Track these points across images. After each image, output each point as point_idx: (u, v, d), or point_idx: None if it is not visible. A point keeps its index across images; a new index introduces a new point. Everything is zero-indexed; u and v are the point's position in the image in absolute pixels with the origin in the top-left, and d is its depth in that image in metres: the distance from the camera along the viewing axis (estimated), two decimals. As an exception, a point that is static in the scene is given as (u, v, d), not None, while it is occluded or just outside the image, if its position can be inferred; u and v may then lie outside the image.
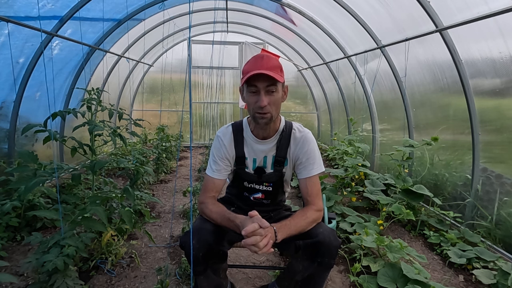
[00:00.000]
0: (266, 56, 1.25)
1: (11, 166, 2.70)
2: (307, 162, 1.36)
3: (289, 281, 1.45)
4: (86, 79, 4.12)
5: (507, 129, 2.41)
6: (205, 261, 1.25)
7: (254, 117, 1.28)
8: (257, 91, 1.23)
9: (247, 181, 1.46)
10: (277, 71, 1.23)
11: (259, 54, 1.28)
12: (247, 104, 1.29)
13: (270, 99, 1.23)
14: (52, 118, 1.83)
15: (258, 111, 1.24)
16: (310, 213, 1.28)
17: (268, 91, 1.22)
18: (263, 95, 1.22)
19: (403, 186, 2.87)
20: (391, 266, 1.93)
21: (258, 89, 1.22)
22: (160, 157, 4.23)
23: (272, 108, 1.25)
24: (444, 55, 2.67)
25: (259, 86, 1.21)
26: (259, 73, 1.17)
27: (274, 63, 1.23)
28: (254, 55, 1.29)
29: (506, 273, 1.88)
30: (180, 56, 6.54)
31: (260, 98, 1.22)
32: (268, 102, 1.22)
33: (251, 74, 1.18)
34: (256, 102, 1.23)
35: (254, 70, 1.19)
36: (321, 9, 4.13)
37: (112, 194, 1.99)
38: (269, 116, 1.25)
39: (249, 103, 1.26)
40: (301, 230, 1.24)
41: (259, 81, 1.20)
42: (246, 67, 1.26)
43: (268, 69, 1.20)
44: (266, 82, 1.21)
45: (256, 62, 1.23)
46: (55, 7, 2.84)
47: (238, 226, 1.16)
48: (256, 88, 1.22)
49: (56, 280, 1.56)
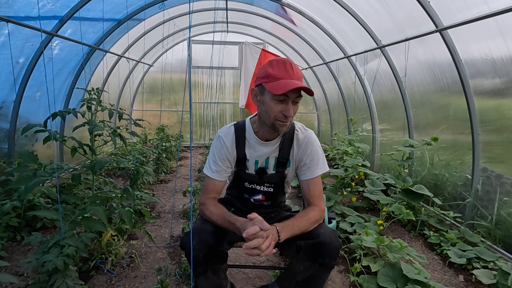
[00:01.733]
0: (293, 64, 1.22)
1: (11, 166, 2.70)
2: (311, 164, 1.35)
3: (289, 281, 1.45)
4: (86, 79, 4.12)
5: (507, 129, 2.41)
6: (205, 262, 1.25)
7: (274, 124, 1.24)
8: (285, 100, 1.19)
9: (247, 182, 1.45)
10: (302, 80, 1.23)
11: (283, 59, 1.23)
12: (266, 109, 1.24)
13: (294, 109, 1.22)
14: (52, 118, 1.83)
15: (282, 119, 1.22)
16: (313, 213, 1.28)
17: (295, 101, 1.22)
18: (291, 105, 1.20)
19: (403, 186, 2.87)
20: (391, 266, 1.93)
21: (288, 99, 1.19)
22: (160, 157, 4.23)
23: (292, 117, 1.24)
24: (444, 55, 2.67)
25: (290, 96, 1.18)
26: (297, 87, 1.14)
27: (301, 73, 1.24)
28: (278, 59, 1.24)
29: (506, 273, 1.88)
30: (180, 56, 6.54)
31: (288, 108, 1.19)
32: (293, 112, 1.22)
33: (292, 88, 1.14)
34: (281, 111, 1.20)
35: (288, 78, 1.17)
36: (321, 9, 4.13)
37: (112, 194, 1.99)
38: (289, 125, 1.26)
39: (273, 110, 1.21)
40: (304, 230, 1.23)
41: (291, 91, 1.17)
42: (274, 72, 1.20)
43: (298, 79, 1.19)
44: (297, 93, 1.19)
45: (287, 69, 1.19)
46: (55, 7, 2.84)
47: (239, 229, 1.16)
48: (286, 97, 1.19)
49: (56, 280, 1.56)
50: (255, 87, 1.28)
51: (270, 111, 1.22)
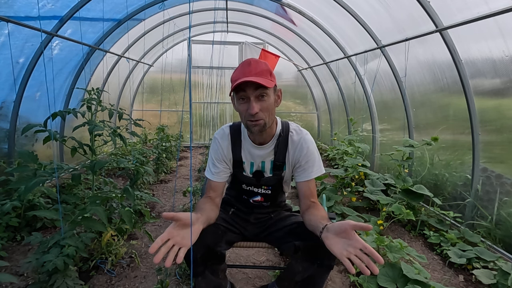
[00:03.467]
0: (254, 61, 1.21)
1: (11, 166, 2.70)
2: (307, 165, 1.33)
3: (289, 281, 1.45)
4: (86, 79, 4.12)
5: (507, 129, 2.41)
6: (203, 262, 1.24)
7: (247, 125, 1.24)
8: (247, 98, 1.18)
9: (245, 184, 1.45)
10: (267, 75, 1.19)
11: (246, 60, 1.23)
12: (238, 112, 1.25)
13: (262, 105, 1.18)
14: (52, 118, 1.83)
15: (250, 119, 1.19)
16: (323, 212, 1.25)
17: (258, 97, 1.18)
18: (253, 101, 1.17)
19: (403, 186, 2.87)
20: (391, 266, 1.92)
21: (248, 96, 1.17)
22: (160, 157, 4.23)
23: (265, 114, 1.20)
24: (444, 55, 2.67)
25: (248, 93, 1.17)
26: (246, 80, 1.13)
27: (263, 68, 1.19)
28: (241, 62, 1.24)
29: (506, 273, 1.88)
30: (180, 56, 6.54)
31: (250, 105, 1.17)
32: (259, 108, 1.17)
33: (238, 82, 1.14)
34: (247, 110, 1.18)
35: (242, 77, 1.15)
36: (321, 9, 4.13)
37: (112, 194, 1.99)
38: (262, 123, 1.21)
39: (240, 111, 1.22)
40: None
41: (248, 88, 1.16)
42: (233, 74, 1.22)
43: (257, 74, 1.16)
44: (255, 88, 1.16)
45: (243, 69, 1.19)
46: (55, 7, 2.84)
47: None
48: (245, 94, 1.17)
49: (56, 280, 1.56)
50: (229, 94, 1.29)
51: (239, 112, 1.23)
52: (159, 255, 0.89)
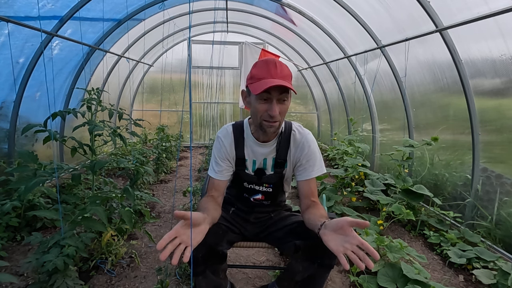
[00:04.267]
0: (279, 63, 1.20)
1: (11, 166, 2.70)
2: (308, 164, 1.34)
3: (289, 281, 1.45)
4: (86, 79, 4.12)
5: (507, 129, 2.41)
6: (204, 262, 1.24)
7: (261, 125, 1.24)
8: (269, 99, 1.18)
9: (246, 182, 1.45)
10: (290, 80, 1.19)
11: (270, 60, 1.20)
12: (253, 110, 1.24)
13: (281, 108, 1.19)
14: (52, 118, 1.83)
15: (268, 119, 1.20)
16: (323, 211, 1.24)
17: (280, 100, 1.18)
18: (275, 104, 1.17)
19: (403, 186, 2.87)
20: (391, 266, 1.93)
21: (271, 98, 1.17)
22: (160, 157, 4.23)
23: (282, 117, 1.22)
24: (444, 55, 2.67)
25: (272, 95, 1.16)
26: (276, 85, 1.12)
27: (287, 72, 1.19)
28: (263, 59, 1.23)
29: (506, 273, 1.88)
30: (180, 56, 6.54)
31: (272, 107, 1.17)
32: (279, 111, 1.19)
33: (270, 86, 1.12)
34: (266, 111, 1.19)
35: (269, 78, 1.15)
36: (321, 9, 4.13)
37: (112, 194, 1.99)
38: (277, 125, 1.23)
39: (258, 110, 1.21)
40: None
41: (273, 90, 1.15)
42: (257, 72, 1.20)
43: (282, 77, 1.16)
44: (280, 92, 1.16)
45: (269, 69, 1.17)
46: (55, 7, 2.84)
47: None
48: (269, 96, 1.17)
49: (56, 280, 1.56)
50: (244, 88, 1.29)
51: (256, 111, 1.22)
52: (166, 252, 0.90)
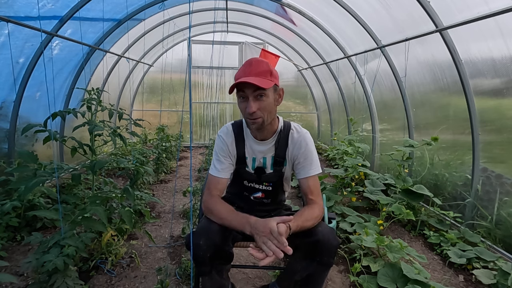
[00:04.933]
0: (255, 61, 1.27)
1: (11, 166, 2.70)
2: (305, 162, 1.37)
3: (289, 280, 1.46)
4: (86, 79, 4.12)
5: (507, 129, 2.41)
6: (211, 261, 1.24)
7: (247, 122, 1.33)
8: (246, 97, 1.25)
9: (247, 180, 1.47)
10: (266, 76, 1.24)
11: (248, 60, 1.30)
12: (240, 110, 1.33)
13: (260, 104, 1.24)
14: (52, 118, 1.83)
15: (248, 117, 1.26)
16: (316, 211, 1.28)
17: (257, 96, 1.23)
18: (251, 101, 1.23)
19: (403, 186, 2.87)
20: (391, 266, 1.93)
21: (246, 96, 1.24)
22: (160, 157, 4.23)
23: (264, 113, 1.26)
24: (444, 55, 2.67)
25: (247, 93, 1.23)
26: (244, 81, 1.19)
27: (264, 68, 1.25)
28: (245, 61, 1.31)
29: (506, 273, 1.88)
30: (180, 56, 6.54)
31: (248, 105, 1.23)
32: (257, 107, 1.23)
33: (235, 83, 1.22)
34: (245, 108, 1.25)
35: (242, 77, 1.22)
36: (321, 9, 4.13)
37: (112, 194, 1.99)
38: (260, 121, 1.27)
39: (241, 109, 1.30)
40: (309, 226, 1.23)
41: (247, 88, 1.22)
42: (236, 74, 1.28)
43: (257, 74, 1.22)
44: (254, 89, 1.22)
45: (244, 69, 1.26)
46: (55, 7, 2.84)
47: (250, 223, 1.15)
48: (244, 94, 1.24)
49: (56, 280, 1.56)
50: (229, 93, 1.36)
51: (240, 110, 1.31)
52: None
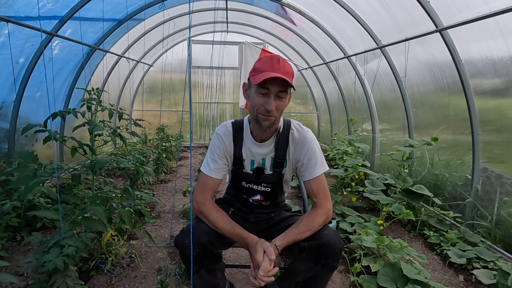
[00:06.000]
0: (282, 60, 1.22)
1: (11, 166, 2.70)
2: (309, 163, 1.33)
3: (290, 281, 1.45)
4: (86, 79, 4.12)
5: (507, 129, 2.41)
6: (198, 261, 1.23)
7: (257, 118, 1.24)
8: (267, 94, 1.19)
9: (245, 181, 1.44)
10: (291, 77, 1.21)
11: (274, 56, 1.23)
12: (251, 103, 1.25)
13: (278, 104, 1.21)
14: (52, 118, 1.83)
15: (263, 113, 1.21)
16: (318, 218, 1.26)
17: (279, 96, 1.20)
18: (272, 99, 1.19)
19: (403, 186, 2.87)
20: (391, 266, 1.93)
21: (269, 92, 1.19)
22: (160, 157, 4.23)
23: (278, 113, 1.23)
24: (444, 55, 2.67)
25: (271, 90, 1.18)
26: (275, 76, 1.14)
27: (289, 69, 1.21)
28: (268, 55, 1.25)
29: (506, 273, 1.88)
30: (180, 56, 6.54)
31: (269, 102, 1.19)
32: (276, 106, 1.20)
33: (268, 77, 1.14)
34: (263, 104, 1.20)
35: (270, 71, 1.16)
36: (321, 9, 4.13)
37: (112, 194, 1.99)
38: (273, 120, 1.23)
39: (255, 103, 1.22)
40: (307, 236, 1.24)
41: (273, 85, 1.17)
42: (259, 65, 1.22)
43: (284, 73, 1.17)
44: (279, 87, 1.18)
45: (272, 63, 1.19)
46: (55, 7, 2.84)
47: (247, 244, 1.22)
48: (267, 90, 1.19)
49: (56, 280, 1.56)
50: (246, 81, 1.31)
51: (253, 103, 1.23)
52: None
